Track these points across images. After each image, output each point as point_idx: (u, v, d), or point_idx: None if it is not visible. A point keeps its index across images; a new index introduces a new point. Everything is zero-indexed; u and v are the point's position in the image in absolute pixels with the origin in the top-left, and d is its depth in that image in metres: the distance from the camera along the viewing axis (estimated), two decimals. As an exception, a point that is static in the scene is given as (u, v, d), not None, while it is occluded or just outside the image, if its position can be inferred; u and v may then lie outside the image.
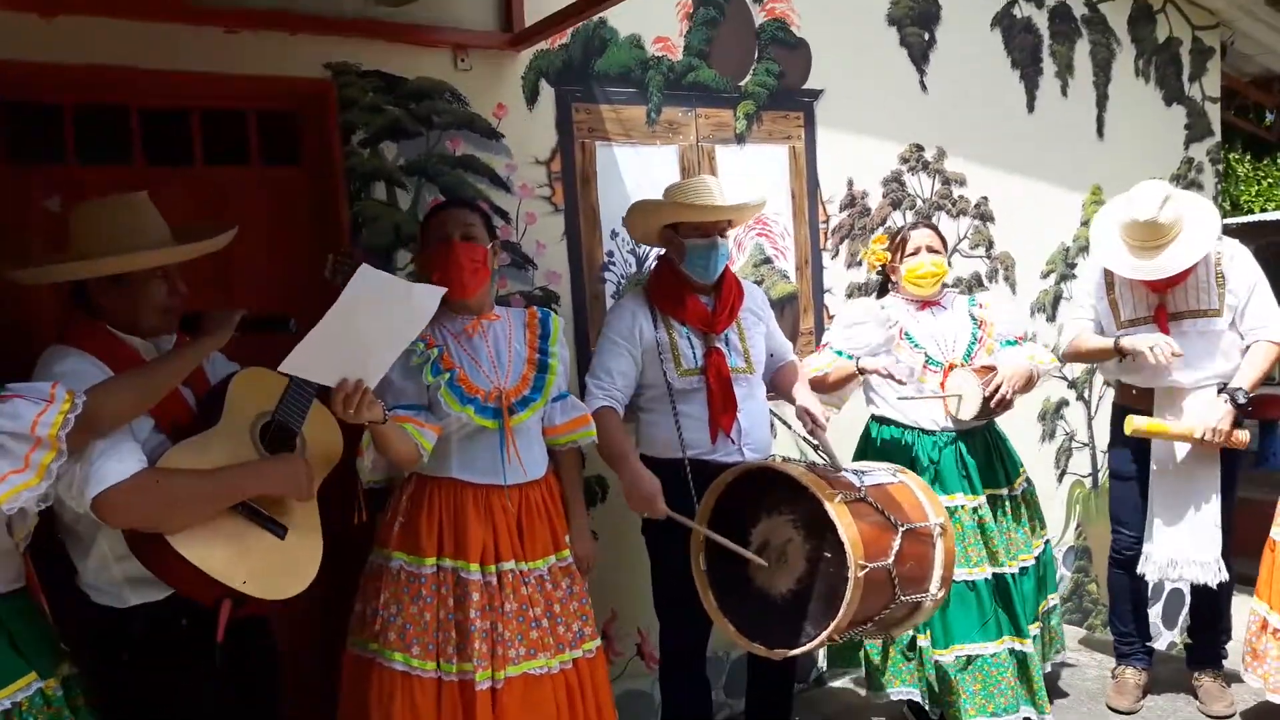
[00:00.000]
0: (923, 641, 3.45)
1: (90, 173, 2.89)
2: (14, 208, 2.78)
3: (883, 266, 3.66)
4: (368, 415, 2.37)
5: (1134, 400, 3.72)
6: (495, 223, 3.37)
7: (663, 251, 3.22)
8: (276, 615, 3.08)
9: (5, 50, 2.67)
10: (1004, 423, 3.69)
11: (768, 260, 4.06)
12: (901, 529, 2.68)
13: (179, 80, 2.93)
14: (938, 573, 2.84)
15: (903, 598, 2.71)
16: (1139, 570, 3.73)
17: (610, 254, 3.65)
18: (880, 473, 2.93)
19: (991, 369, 3.42)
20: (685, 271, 3.11)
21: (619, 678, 3.66)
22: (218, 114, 3.09)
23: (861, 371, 3.39)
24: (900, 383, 3.30)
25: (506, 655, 2.65)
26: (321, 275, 2.53)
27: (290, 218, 3.19)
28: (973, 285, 4.67)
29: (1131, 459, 3.77)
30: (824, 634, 2.52)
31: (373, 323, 2.27)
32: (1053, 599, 3.75)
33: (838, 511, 2.50)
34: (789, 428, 3.29)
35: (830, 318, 4.19)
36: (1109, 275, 3.69)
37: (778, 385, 3.33)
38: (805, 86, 4.12)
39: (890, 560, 2.60)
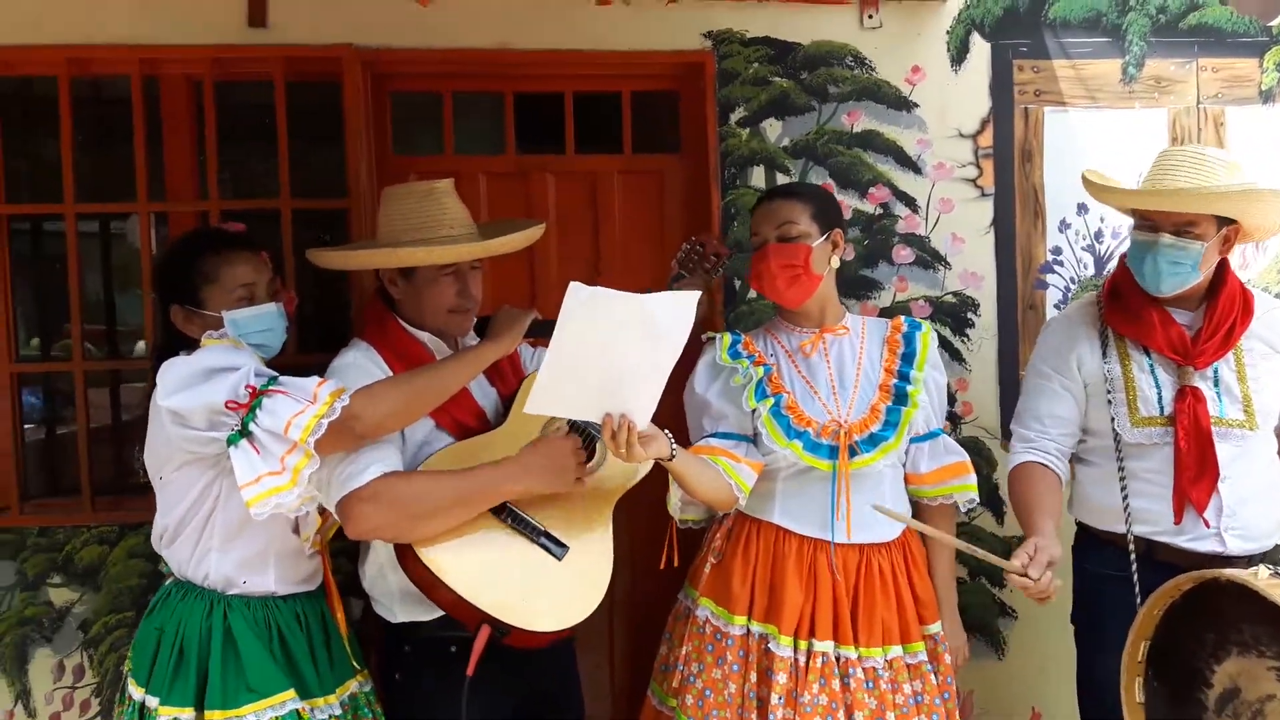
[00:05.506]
0: None
1: (464, 162, 2.81)
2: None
3: None
4: (646, 454, 1.87)
5: None
6: (898, 211, 2.79)
7: None
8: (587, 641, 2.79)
9: (386, 37, 2.65)
10: None
11: (1306, 264, 2.93)
12: None
13: (551, 60, 2.74)
14: None
15: None
16: None
17: (1056, 251, 2.83)
18: None
19: None
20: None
21: (1045, 795, 2.86)
22: (588, 97, 2.85)
23: None
24: None
25: None
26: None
27: (661, 209, 2.86)
28: None
29: None
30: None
31: (616, 346, 1.77)
32: None
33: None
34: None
35: None
36: None
37: None
38: (1381, 19, 2.93)
39: None
